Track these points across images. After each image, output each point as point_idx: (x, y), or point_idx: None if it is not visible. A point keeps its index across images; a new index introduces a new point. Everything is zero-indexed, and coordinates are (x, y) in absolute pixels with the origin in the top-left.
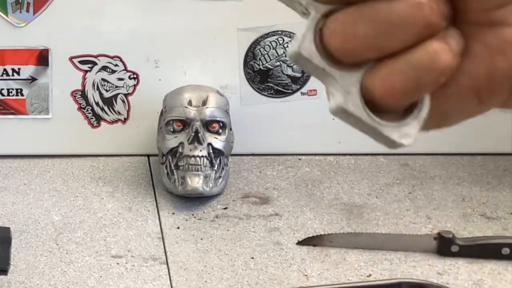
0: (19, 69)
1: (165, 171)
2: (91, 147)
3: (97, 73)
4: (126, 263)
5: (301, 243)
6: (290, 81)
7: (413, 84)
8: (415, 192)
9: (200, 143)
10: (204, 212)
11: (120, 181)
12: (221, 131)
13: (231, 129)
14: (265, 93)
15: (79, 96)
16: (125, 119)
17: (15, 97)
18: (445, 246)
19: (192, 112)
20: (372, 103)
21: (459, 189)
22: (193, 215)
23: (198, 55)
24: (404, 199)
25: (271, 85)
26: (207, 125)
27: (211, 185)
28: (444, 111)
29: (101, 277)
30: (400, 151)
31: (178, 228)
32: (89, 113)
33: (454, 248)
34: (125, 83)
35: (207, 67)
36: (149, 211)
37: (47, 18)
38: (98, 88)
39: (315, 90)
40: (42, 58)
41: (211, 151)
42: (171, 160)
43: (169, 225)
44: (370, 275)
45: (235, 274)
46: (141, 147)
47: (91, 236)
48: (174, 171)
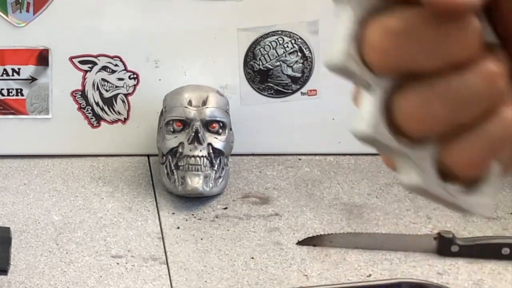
0: (19, 69)
1: (165, 171)
2: (91, 147)
3: (97, 73)
4: (126, 263)
5: (301, 243)
6: (290, 81)
7: (491, 154)
8: None
9: (200, 143)
10: (204, 212)
11: (120, 181)
12: (221, 131)
13: (231, 129)
14: (265, 93)
15: (79, 96)
16: (125, 119)
17: (15, 97)
18: (445, 246)
19: (192, 112)
20: (444, 173)
21: None
22: (193, 215)
23: (198, 55)
24: (404, 199)
25: (271, 85)
26: (207, 125)
27: (211, 185)
28: None
29: (101, 277)
30: None
31: (178, 228)
32: (89, 113)
33: (454, 248)
34: (125, 83)
35: (207, 67)
36: (149, 211)
37: (47, 18)
38: (98, 88)
39: (315, 90)
40: (42, 58)
41: (211, 151)
42: (171, 160)
43: (169, 225)
44: (370, 275)
45: (235, 274)
46: (141, 147)
47: (91, 236)
48: (174, 171)
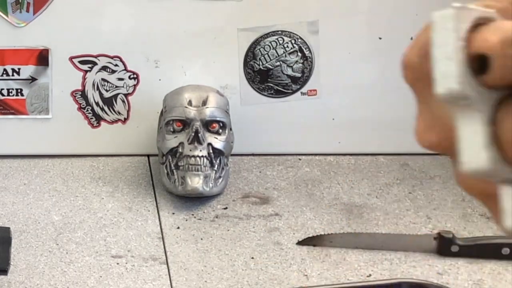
0: (19, 69)
1: (165, 171)
2: (91, 147)
3: (97, 73)
4: (126, 263)
5: (301, 243)
6: (290, 81)
7: None
8: (415, 192)
9: (200, 143)
10: (204, 212)
11: (120, 181)
12: (221, 131)
13: (231, 129)
14: (265, 93)
15: (79, 96)
16: (125, 119)
17: (15, 97)
18: (445, 246)
19: (192, 112)
20: None
21: (459, 189)
22: (193, 215)
23: (198, 55)
24: (404, 199)
25: (271, 85)
26: (207, 125)
27: (211, 185)
28: None
29: (101, 277)
30: (400, 151)
31: (178, 228)
32: (89, 113)
33: (454, 248)
34: (125, 83)
35: (207, 67)
36: (149, 211)
37: (47, 18)
38: (98, 88)
39: (315, 90)
40: (42, 58)
41: (211, 151)
42: (171, 160)
43: (169, 225)
44: (370, 275)
45: (235, 274)
46: (141, 147)
47: (91, 236)
48: (174, 171)
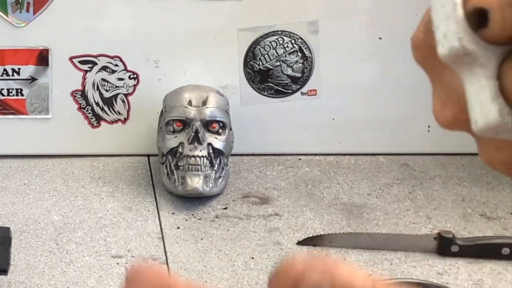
0: (19, 69)
1: (165, 171)
2: (91, 147)
3: (97, 73)
4: (126, 263)
5: (301, 243)
6: (290, 81)
7: None
8: (415, 192)
9: (200, 143)
10: (204, 212)
11: (120, 181)
12: (221, 131)
13: (231, 129)
14: (265, 93)
15: (79, 96)
16: (125, 119)
17: (15, 97)
18: (445, 246)
19: (192, 112)
20: None
21: (459, 189)
22: (193, 215)
23: (198, 55)
24: (404, 199)
25: (271, 85)
26: (207, 125)
27: (211, 185)
28: None
29: (101, 277)
30: (400, 151)
31: (178, 228)
32: (89, 113)
33: (454, 248)
34: (125, 83)
35: (207, 67)
36: (149, 211)
37: (47, 18)
38: (98, 88)
39: (315, 90)
40: (42, 58)
41: (211, 151)
42: (171, 160)
43: (169, 225)
44: (370, 275)
45: (235, 274)
46: (141, 147)
47: (91, 236)
48: (174, 171)
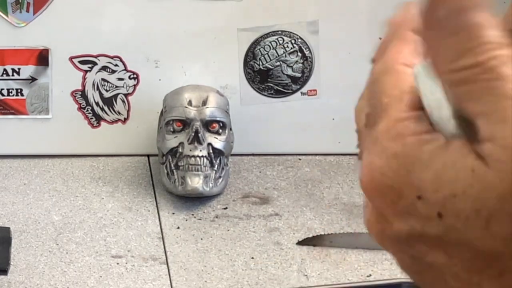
0: (19, 69)
1: (165, 171)
2: (91, 147)
3: (97, 73)
4: (126, 263)
5: (301, 243)
6: (290, 81)
7: None
8: None
9: (200, 143)
10: (204, 212)
11: (120, 181)
12: (221, 131)
13: (231, 129)
14: (265, 93)
15: (79, 96)
16: (125, 119)
17: (15, 97)
18: None
19: (192, 112)
20: None
21: None
22: (193, 215)
23: (198, 55)
24: None
25: (271, 85)
26: (207, 125)
27: (211, 185)
28: None
29: (101, 277)
30: None
31: (178, 228)
32: (89, 113)
33: None
34: (125, 83)
35: (207, 67)
36: (149, 211)
37: (47, 18)
38: (98, 88)
39: (315, 90)
40: (42, 58)
41: (211, 151)
42: (171, 160)
43: (169, 225)
44: (370, 275)
45: (235, 274)
46: (141, 147)
47: (91, 236)
48: (174, 171)
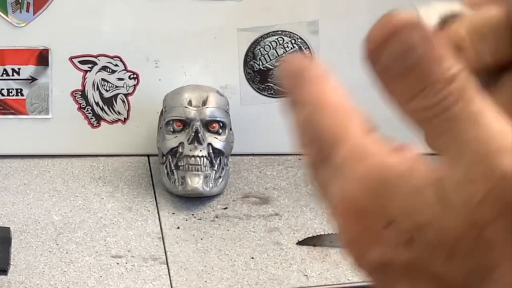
0: (19, 69)
1: (165, 171)
2: (91, 147)
3: (97, 73)
4: (126, 263)
5: (301, 243)
6: None
7: None
8: None
9: (200, 143)
10: (204, 212)
11: (120, 181)
12: (221, 131)
13: (231, 129)
14: (265, 93)
15: (79, 96)
16: (125, 119)
17: (15, 97)
18: None
19: (192, 112)
20: None
21: None
22: (193, 215)
23: (198, 55)
24: None
25: (271, 85)
26: (207, 125)
27: (211, 185)
28: None
29: (101, 277)
30: None
31: (178, 228)
32: (89, 113)
33: None
34: (125, 83)
35: (207, 67)
36: (149, 211)
37: (47, 18)
38: (98, 88)
39: None
40: (42, 58)
41: (211, 151)
42: (171, 160)
43: (169, 225)
44: None
45: (235, 274)
46: (141, 147)
47: (91, 236)
48: (174, 171)
